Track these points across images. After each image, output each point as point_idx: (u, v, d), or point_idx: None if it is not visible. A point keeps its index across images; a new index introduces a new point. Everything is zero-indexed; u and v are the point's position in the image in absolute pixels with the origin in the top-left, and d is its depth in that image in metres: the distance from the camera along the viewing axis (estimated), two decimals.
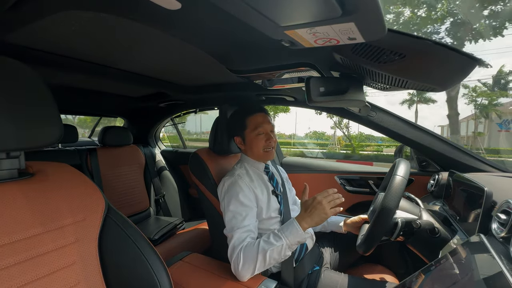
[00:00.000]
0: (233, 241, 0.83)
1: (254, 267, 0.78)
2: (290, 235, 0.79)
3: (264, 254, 0.77)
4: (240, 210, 0.88)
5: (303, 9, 0.41)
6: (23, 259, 0.46)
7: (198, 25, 0.60)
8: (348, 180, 1.52)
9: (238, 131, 1.02)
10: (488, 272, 0.44)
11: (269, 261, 0.78)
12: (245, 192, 0.91)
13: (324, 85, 0.74)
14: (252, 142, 0.99)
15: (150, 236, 1.41)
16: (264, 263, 0.78)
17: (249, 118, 1.00)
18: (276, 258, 0.79)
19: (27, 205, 0.49)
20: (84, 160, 1.57)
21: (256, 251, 0.78)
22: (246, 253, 0.79)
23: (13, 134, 0.47)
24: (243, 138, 1.01)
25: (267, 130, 1.00)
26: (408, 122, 1.21)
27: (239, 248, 0.80)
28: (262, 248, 0.78)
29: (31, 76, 0.50)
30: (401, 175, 0.78)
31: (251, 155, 1.03)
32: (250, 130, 0.99)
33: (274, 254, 0.78)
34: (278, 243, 0.79)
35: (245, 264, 0.78)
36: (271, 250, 0.77)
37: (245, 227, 0.85)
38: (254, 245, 0.80)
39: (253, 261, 0.78)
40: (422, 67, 0.58)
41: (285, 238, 0.79)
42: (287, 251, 0.80)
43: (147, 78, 1.23)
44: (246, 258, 0.78)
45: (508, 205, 0.57)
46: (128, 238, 0.59)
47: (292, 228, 0.80)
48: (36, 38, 0.76)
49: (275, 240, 0.79)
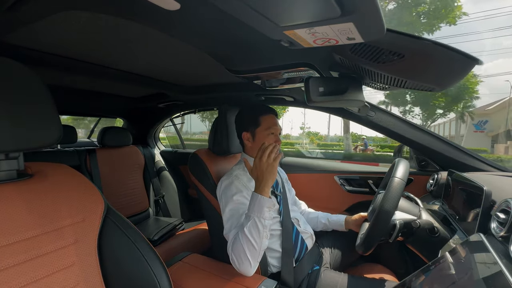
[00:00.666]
0: (230, 242, 0.83)
1: (246, 256, 0.77)
2: (255, 206, 0.79)
3: (246, 239, 0.77)
4: (237, 210, 0.88)
5: (302, 9, 0.41)
6: (22, 261, 0.46)
7: (197, 26, 0.60)
8: (348, 180, 1.52)
9: (249, 127, 1.02)
10: (487, 272, 0.44)
11: (256, 240, 0.77)
12: (242, 193, 0.91)
13: (323, 85, 0.74)
14: (262, 140, 1.00)
15: (149, 236, 1.41)
16: (252, 247, 0.77)
17: (263, 116, 1.01)
18: (258, 235, 0.77)
19: (26, 206, 0.49)
20: (83, 161, 1.57)
21: (240, 241, 0.78)
22: (235, 250, 0.79)
23: (12, 135, 0.46)
24: (253, 135, 1.02)
25: (277, 132, 1.02)
26: (407, 121, 1.21)
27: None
28: (241, 236, 0.78)
29: (30, 76, 0.50)
30: (400, 177, 0.78)
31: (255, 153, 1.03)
32: (263, 128, 1.00)
33: (253, 233, 0.77)
34: (249, 221, 0.78)
35: (239, 258, 0.78)
36: (248, 231, 0.77)
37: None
38: (236, 238, 0.80)
39: (243, 251, 0.77)
40: (421, 67, 0.58)
41: (252, 212, 0.79)
42: (262, 222, 0.78)
43: (146, 78, 1.23)
44: (237, 254, 0.78)
45: (507, 204, 0.57)
46: (128, 239, 0.59)
47: (254, 200, 0.80)
48: (35, 38, 0.76)
49: (246, 220, 0.79)
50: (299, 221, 1.10)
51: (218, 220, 0.96)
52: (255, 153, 1.01)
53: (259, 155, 0.83)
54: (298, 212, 1.19)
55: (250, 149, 1.05)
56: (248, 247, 0.77)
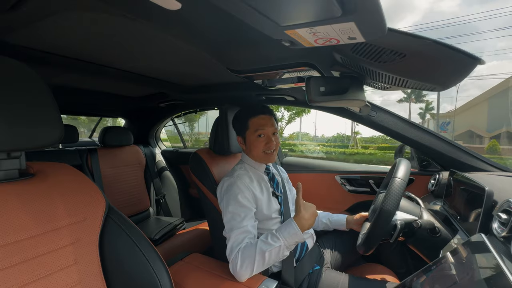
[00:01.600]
0: (231, 242, 0.83)
1: (253, 268, 0.78)
2: (288, 236, 0.80)
3: (263, 254, 0.78)
4: (238, 211, 0.88)
5: (304, 9, 0.41)
6: (21, 261, 0.46)
7: (198, 25, 0.60)
8: (349, 180, 1.52)
9: (240, 131, 1.02)
10: (489, 272, 0.44)
11: (268, 261, 0.79)
12: (244, 193, 0.91)
13: (324, 85, 0.74)
14: (252, 143, 0.99)
15: (150, 236, 1.41)
16: (262, 263, 0.78)
17: (251, 119, 0.99)
18: (274, 258, 0.79)
19: (27, 206, 0.49)
20: (85, 161, 1.57)
21: (254, 251, 0.78)
22: (244, 254, 0.79)
23: (13, 135, 0.47)
24: (244, 138, 1.01)
25: (268, 133, 0.98)
26: (408, 121, 1.21)
27: (237, 249, 0.80)
28: (260, 249, 0.78)
29: (31, 76, 0.50)
30: (401, 177, 0.78)
31: (251, 156, 1.03)
32: (251, 132, 0.98)
33: (273, 255, 0.78)
34: (276, 243, 0.79)
35: (243, 264, 0.78)
36: (269, 251, 0.78)
37: (243, 228, 0.85)
38: (252, 245, 0.80)
39: (252, 262, 0.78)
40: (422, 66, 0.58)
41: (283, 239, 0.79)
42: (285, 251, 0.80)
43: (147, 78, 1.23)
44: (244, 259, 0.78)
45: (509, 205, 0.57)
46: (129, 238, 0.59)
47: (290, 229, 0.80)
48: (36, 38, 0.76)
49: (273, 241, 0.80)
50: None
51: (219, 219, 0.96)
52: (253, 156, 1.02)
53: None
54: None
55: (247, 152, 1.05)
56: (259, 262, 0.78)
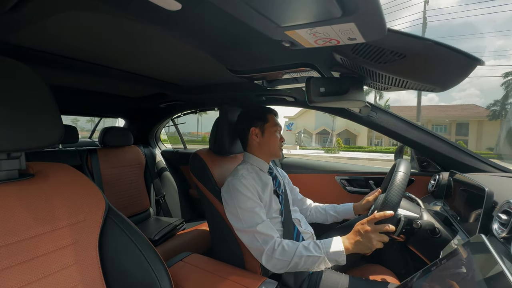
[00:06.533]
0: (261, 235, 0.83)
1: (287, 264, 0.79)
2: (331, 252, 0.79)
3: (300, 257, 0.78)
4: (253, 206, 0.89)
5: (304, 10, 0.41)
6: (21, 261, 0.46)
7: (198, 26, 0.60)
8: (349, 181, 1.52)
9: (257, 122, 1.04)
10: (489, 273, 0.44)
11: (302, 266, 0.79)
12: (251, 191, 0.92)
13: (324, 85, 0.74)
14: (271, 136, 1.03)
15: (150, 236, 1.41)
16: (296, 266, 0.79)
17: (270, 115, 1.05)
18: (308, 267, 0.79)
19: (26, 206, 0.49)
20: (85, 161, 1.57)
21: (294, 251, 0.79)
22: (285, 248, 0.80)
23: (13, 135, 0.47)
24: (263, 130, 1.03)
25: (280, 131, 1.07)
26: (408, 122, 1.21)
27: (275, 239, 0.82)
28: (299, 252, 0.79)
29: (31, 76, 0.50)
30: (403, 171, 0.79)
31: (265, 149, 1.04)
32: (271, 125, 1.04)
33: (309, 262, 0.78)
34: (316, 253, 0.79)
35: (282, 256, 0.79)
36: (306, 257, 0.78)
37: (266, 222, 0.87)
38: (294, 245, 0.81)
39: (288, 258, 0.79)
40: (422, 67, 0.58)
41: (325, 252, 0.79)
42: (321, 264, 0.79)
43: (147, 78, 1.23)
44: (284, 252, 0.79)
45: (509, 205, 0.57)
46: (129, 238, 0.59)
47: (335, 246, 0.80)
48: (37, 38, 0.76)
49: (315, 249, 0.80)
50: (300, 221, 1.10)
51: (219, 220, 0.96)
52: (268, 148, 1.03)
53: (380, 227, 0.75)
54: (299, 213, 1.19)
55: (258, 146, 1.05)
56: (295, 262, 0.79)
